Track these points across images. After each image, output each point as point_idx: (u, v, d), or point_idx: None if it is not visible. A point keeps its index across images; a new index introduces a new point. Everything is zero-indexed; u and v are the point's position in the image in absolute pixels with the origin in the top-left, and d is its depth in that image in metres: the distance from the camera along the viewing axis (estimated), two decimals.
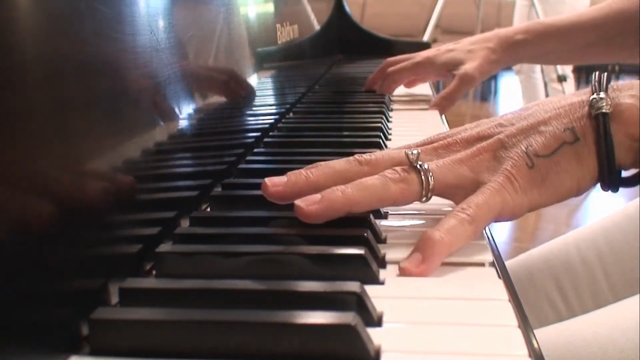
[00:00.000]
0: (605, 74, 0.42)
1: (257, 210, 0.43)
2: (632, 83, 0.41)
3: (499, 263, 0.37)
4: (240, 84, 0.61)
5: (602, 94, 0.40)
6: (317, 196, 0.38)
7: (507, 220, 0.40)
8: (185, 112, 0.45)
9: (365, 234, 0.37)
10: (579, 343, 0.52)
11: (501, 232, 2.17)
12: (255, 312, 0.28)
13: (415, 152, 0.40)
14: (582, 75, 4.20)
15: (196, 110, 0.47)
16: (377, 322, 0.30)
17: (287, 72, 0.84)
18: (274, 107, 0.73)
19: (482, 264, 0.37)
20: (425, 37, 2.59)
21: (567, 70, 2.92)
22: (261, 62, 0.68)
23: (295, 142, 0.64)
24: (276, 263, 0.34)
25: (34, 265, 0.26)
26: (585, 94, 0.41)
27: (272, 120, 0.69)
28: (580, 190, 0.40)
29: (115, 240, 0.34)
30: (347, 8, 1.28)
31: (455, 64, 0.82)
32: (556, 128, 0.40)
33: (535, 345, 0.29)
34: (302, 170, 0.41)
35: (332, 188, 0.38)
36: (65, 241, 0.28)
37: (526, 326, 0.30)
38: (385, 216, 0.44)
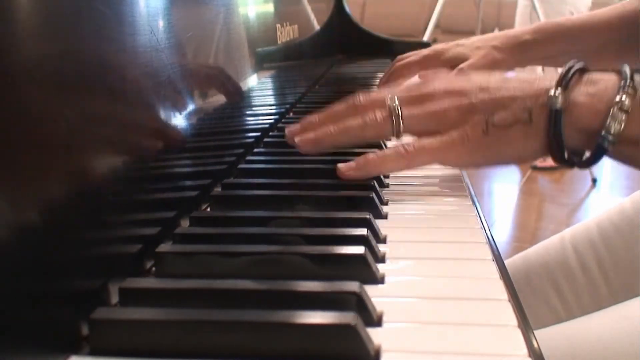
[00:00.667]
0: (575, 68, 0.45)
1: (257, 210, 0.43)
2: (601, 78, 0.44)
3: (498, 263, 0.37)
4: (238, 84, 0.61)
5: (559, 91, 0.43)
6: (312, 135, 0.49)
7: (449, 166, 0.48)
8: (185, 112, 0.45)
9: (365, 234, 0.37)
10: (581, 345, 0.52)
11: (501, 232, 2.17)
12: (255, 312, 0.28)
13: (395, 100, 0.47)
14: None
15: (196, 110, 0.47)
16: (377, 322, 0.30)
17: (287, 72, 0.84)
18: (274, 107, 0.73)
19: (482, 264, 0.37)
20: (425, 37, 2.59)
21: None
22: (261, 62, 0.68)
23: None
24: (276, 263, 0.34)
25: (34, 265, 0.26)
26: (552, 81, 0.45)
27: (272, 120, 0.69)
28: (520, 160, 0.46)
29: (115, 240, 0.34)
30: (347, 8, 1.28)
31: (461, 59, 0.81)
32: (518, 106, 0.45)
33: (535, 345, 0.29)
34: (312, 116, 0.51)
35: (323, 129, 0.48)
36: (65, 241, 0.28)
37: (526, 326, 0.30)
38: (385, 216, 0.44)
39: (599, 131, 0.42)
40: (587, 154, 0.45)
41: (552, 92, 0.44)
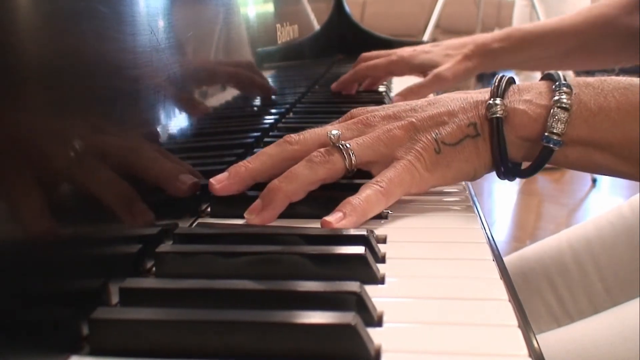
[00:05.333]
0: (506, 78, 0.46)
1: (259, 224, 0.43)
2: (531, 86, 0.45)
3: (499, 263, 0.37)
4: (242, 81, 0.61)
5: (497, 100, 0.44)
6: (259, 203, 0.42)
7: (415, 194, 0.45)
8: (185, 112, 0.45)
9: (365, 234, 0.37)
10: (579, 351, 0.52)
11: (501, 231, 2.17)
12: (255, 312, 0.28)
13: (335, 133, 0.44)
14: (581, 75, 4.19)
15: (196, 110, 0.47)
16: (377, 322, 0.30)
17: (287, 72, 0.84)
18: (274, 107, 0.73)
19: (482, 264, 0.37)
20: (425, 37, 2.59)
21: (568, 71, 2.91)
22: (261, 62, 0.68)
23: None
24: (276, 263, 0.34)
25: (34, 265, 0.26)
26: (487, 93, 0.45)
27: (272, 120, 0.69)
28: (475, 176, 0.46)
29: (115, 240, 0.34)
30: (347, 8, 1.28)
31: (431, 66, 0.81)
32: (462, 121, 0.44)
33: (535, 345, 0.29)
34: (240, 163, 0.45)
35: (269, 186, 0.42)
36: (66, 241, 0.28)
37: (526, 326, 0.30)
38: (385, 216, 0.44)
39: (542, 134, 0.42)
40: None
41: (490, 101, 0.44)
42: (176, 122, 0.43)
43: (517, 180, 0.47)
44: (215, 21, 0.54)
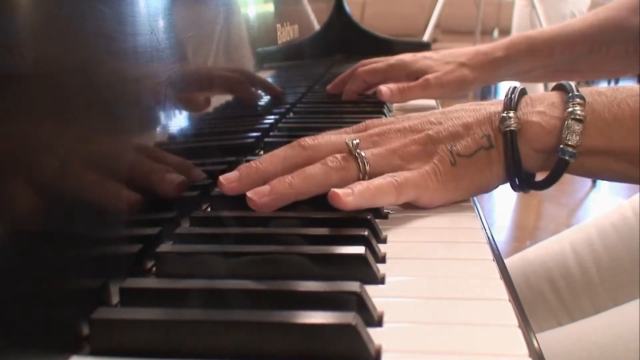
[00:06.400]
0: (518, 89, 0.46)
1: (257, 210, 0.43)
2: (544, 97, 0.45)
3: (499, 263, 0.37)
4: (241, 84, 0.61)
5: (511, 113, 0.44)
6: (267, 188, 0.42)
7: (422, 207, 0.44)
8: (185, 112, 0.45)
9: (365, 234, 0.37)
10: (579, 351, 0.52)
11: (501, 232, 2.17)
12: (255, 312, 0.28)
13: (355, 141, 0.44)
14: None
15: (196, 110, 0.47)
16: (378, 322, 0.30)
17: (287, 72, 0.84)
18: (274, 107, 0.73)
19: (482, 264, 0.37)
20: (425, 37, 2.59)
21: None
22: (261, 62, 0.68)
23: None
24: (276, 263, 0.34)
25: (34, 265, 0.26)
26: (500, 104, 0.45)
27: (272, 120, 0.69)
28: (488, 188, 0.46)
29: (115, 240, 0.34)
30: (347, 8, 1.28)
31: (428, 72, 0.79)
32: (476, 133, 0.44)
33: (536, 345, 0.29)
34: (252, 162, 0.44)
35: (279, 179, 0.42)
36: (66, 241, 0.28)
37: (526, 326, 0.30)
38: (385, 216, 0.44)
39: (557, 146, 0.43)
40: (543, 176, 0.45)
41: (504, 114, 0.44)
42: (176, 122, 0.43)
43: None
44: (215, 21, 0.54)
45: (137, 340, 0.28)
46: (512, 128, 0.43)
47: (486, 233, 0.41)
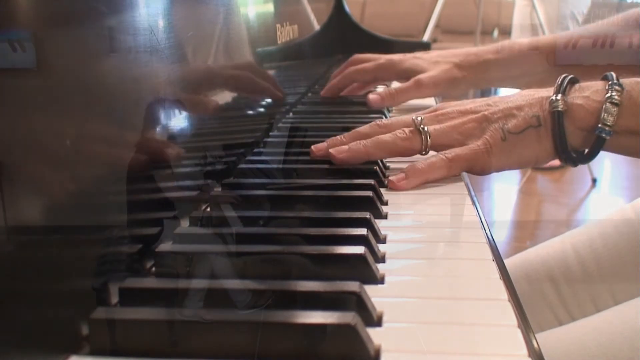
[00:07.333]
0: (568, 78, 0.52)
1: (257, 210, 0.43)
2: (592, 85, 0.51)
3: (498, 263, 0.37)
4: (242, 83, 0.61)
5: (559, 96, 0.50)
6: (346, 147, 0.52)
7: (478, 174, 0.52)
8: (185, 112, 0.45)
9: (365, 234, 0.37)
10: (579, 349, 0.52)
11: (501, 231, 2.17)
12: (255, 312, 0.28)
13: (420, 118, 0.54)
14: None
15: (196, 110, 0.47)
16: (377, 322, 0.30)
17: (287, 72, 0.84)
18: (274, 107, 0.73)
19: (482, 264, 0.37)
20: (425, 37, 2.59)
21: None
22: (261, 62, 0.68)
23: (295, 142, 0.64)
24: (276, 263, 0.34)
25: (34, 265, 0.26)
26: (552, 90, 0.52)
27: (272, 120, 0.69)
28: (537, 162, 0.52)
29: (115, 240, 0.34)
30: (347, 8, 1.28)
31: (417, 72, 0.79)
32: (527, 114, 0.51)
33: (535, 345, 0.29)
34: (339, 136, 0.55)
35: (357, 142, 0.53)
36: (66, 241, 0.28)
37: (526, 326, 0.30)
38: (385, 216, 0.44)
39: (596, 125, 0.49)
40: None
41: (553, 97, 0.50)
42: (176, 121, 0.43)
43: (517, 180, 0.49)
44: (215, 21, 0.54)
45: (137, 340, 0.28)
46: (559, 109, 0.49)
47: (486, 233, 0.41)
